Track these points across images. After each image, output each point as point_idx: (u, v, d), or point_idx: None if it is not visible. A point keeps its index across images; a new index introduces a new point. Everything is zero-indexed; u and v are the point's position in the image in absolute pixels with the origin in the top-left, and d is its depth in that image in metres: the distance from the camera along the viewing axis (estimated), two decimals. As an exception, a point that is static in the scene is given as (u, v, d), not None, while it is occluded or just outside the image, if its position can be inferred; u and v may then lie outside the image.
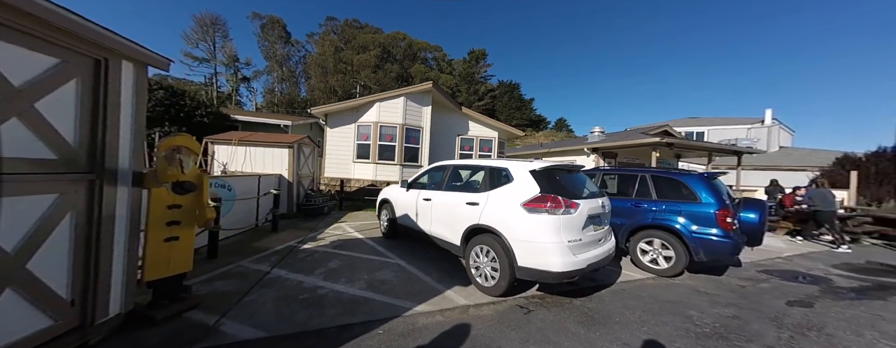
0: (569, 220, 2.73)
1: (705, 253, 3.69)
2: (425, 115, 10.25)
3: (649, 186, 4.36)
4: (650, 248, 4.18)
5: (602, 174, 5.01)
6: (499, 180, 3.26)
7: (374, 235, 5.24)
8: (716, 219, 3.64)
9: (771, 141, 19.32)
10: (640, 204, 4.36)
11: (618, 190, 4.82)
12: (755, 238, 3.73)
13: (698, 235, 3.74)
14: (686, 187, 3.99)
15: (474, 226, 3.21)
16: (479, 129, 12.07)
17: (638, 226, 4.29)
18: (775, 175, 12.53)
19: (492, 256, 3.00)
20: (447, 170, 4.06)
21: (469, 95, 43.29)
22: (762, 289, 3.59)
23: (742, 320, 2.73)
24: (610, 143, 12.37)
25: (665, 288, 3.51)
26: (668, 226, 4.00)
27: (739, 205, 3.84)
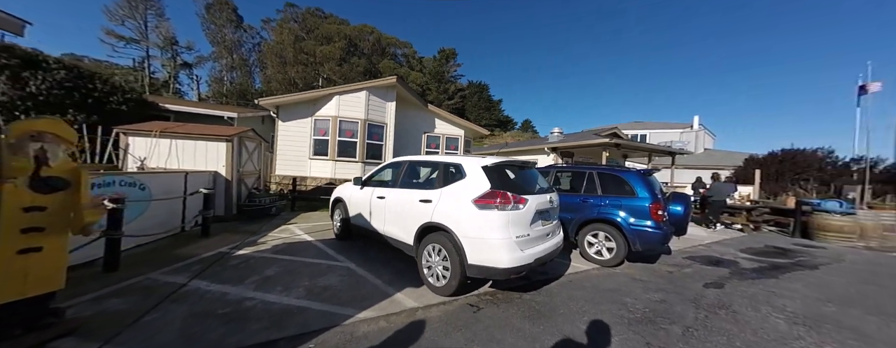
0: (517, 216, 2.72)
1: (641, 243, 3.98)
2: (389, 111, 9.88)
3: (596, 183, 4.61)
4: (595, 241, 4.41)
5: (556, 171, 5.19)
6: (452, 176, 3.16)
7: (326, 237, 4.86)
8: (649, 211, 3.94)
9: (698, 144, 22.18)
10: (587, 199, 4.58)
11: (570, 186, 5.03)
12: (681, 228, 4.13)
13: (635, 227, 4.03)
14: (626, 183, 4.28)
15: (427, 224, 3.07)
16: (446, 127, 12.00)
17: (585, 219, 4.50)
18: (700, 173, 14.42)
19: (443, 255, 2.89)
20: (402, 166, 3.86)
21: (439, 94, 43.21)
22: (686, 274, 3.98)
23: (668, 303, 2.97)
24: (567, 143, 13.12)
25: (607, 278, 3.72)
26: (610, 220, 4.25)
27: (669, 199, 4.22)
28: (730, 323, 2.59)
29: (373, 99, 9.33)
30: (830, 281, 3.88)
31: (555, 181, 5.18)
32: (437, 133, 11.84)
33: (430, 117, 11.83)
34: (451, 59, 44.10)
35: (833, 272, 4.31)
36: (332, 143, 8.76)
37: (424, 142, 11.70)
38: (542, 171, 5.55)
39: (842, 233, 6.48)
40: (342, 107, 8.87)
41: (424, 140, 11.71)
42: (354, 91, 9.07)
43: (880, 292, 3.52)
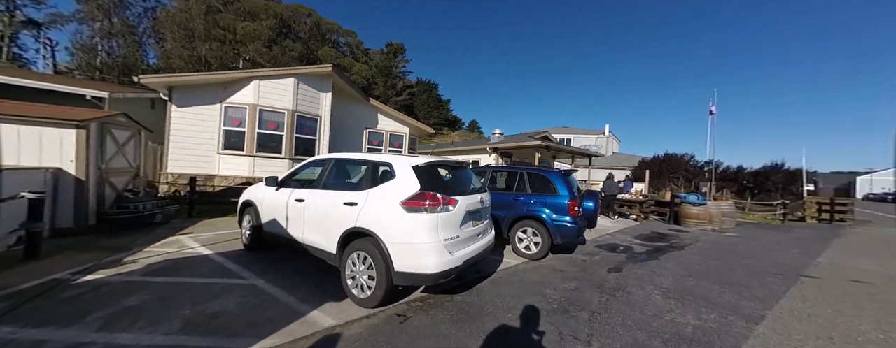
0: (447, 218, 2.62)
1: (561, 236, 4.37)
2: (324, 103, 8.92)
3: (526, 182, 4.90)
4: (525, 236, 4.69)
5: (492, 171, 5.36)
6: (381, 176, 2.90)
7: (233, 249, 4.04)
8: (568, 208, 4.35)
9: (608, 147, 26.41)
10: (519, 197, 4.83)
11: (505, 185, 5.25)
12: (592, 221, 4.71)
13: (557, 222, 4.40)
14: (550, 182, 4.65)
15: (352, 230, 2.76)
16: (390, 124, 11.48)
17: (517, 217, 4.75)
18: (609, 171, 17.27)
19: (369, 263, 2.63)
20: (327, 164, 3.41)
21: (386, 89, 41.54)
22: (595, 261, 4.53)
23: (579, 291, 3.29)
24: (506, 144, 13.99)
25: (533, 271, 3.96)
26: (537, 216, 4.56)
27: (583, 196, 4.76)
28: (624, 304, 2.98)
29: (304, 88, 8.28)
30: (691, 259, 4.91)
31: (491, 180, 5.34)
32: (381, 129, 11.25)
33: (373, 112, 11.16)
34: (399, 53, 42.81)
35: (693, 251, 5.48)
36: (251, 136, 7.46)
37: (366, 139, 10.98)
38: (480, 171, 5.69)
39: (698, 220, 8.39)
40: (264, 94, 7.62)
41: (366, 136, 10.99)
42: (280, 77, 7.88)
43: (720, 265, 4.58)
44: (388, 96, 41.47)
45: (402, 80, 43.46)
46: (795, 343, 2.36)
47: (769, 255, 5.31)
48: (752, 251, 5.64)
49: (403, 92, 42.73)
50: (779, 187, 14.79)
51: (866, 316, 2.89)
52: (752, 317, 2.79)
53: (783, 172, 15.37)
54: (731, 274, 4.11)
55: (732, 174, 16.58)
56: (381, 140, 11.26)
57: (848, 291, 3.58)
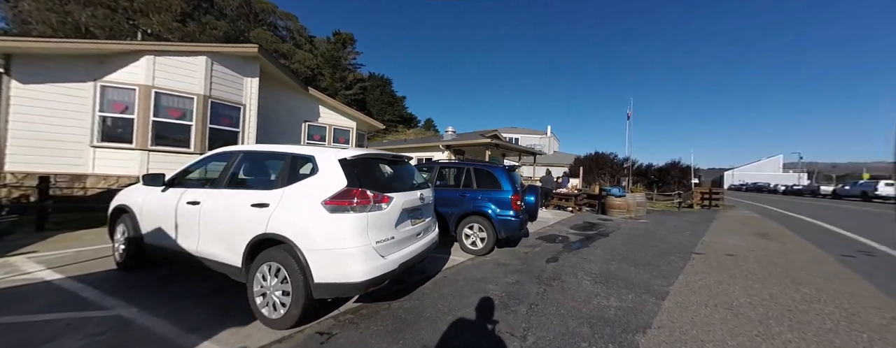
0: (379, 217, 2.33)
1: (505, 231, 4.43)
2: (249, 90, 7.66)
3: (472, 178, 4.85)
4: (471, 232, 4.65)
5: (440, 167, 5.20)
6: (301, 172, 2.46)
7: (98, 270, 3.08)
8: (511, 202, 4.43)
9: (550, 146, 28.97)
10: (465, 193, 4.76)
11: (452, 181, 5.14)
12: (533, 214, 4.92)
13: (501, 217, 4.45)
14: (495, 177, 4.68)
15: (261, 237, 2.27)
16: (334, 117, 10.49)
17: (464, 213, 4.67)
18: (550, 168, 18.94)
19: (283, 276, 2.19)
20: (233, 158, 2.80)
21: (334, 81, 38.50)
22: (536, 253, 4.73)
23: (520, 283, 3.32)
24: (458, 142, 14.11)
25: (478, 267, 3.92)
26: (483, 212, 4.56)
27: (525, 191, 4.93)
28: (559, 293, 3.10)
29: (221, 70, 6.96)
30: (614, 244, 5.50)
31: (439, 176, 5.18)
32: (323, 123, 10.20)
33: (314, 104, 10.05)
34: (348, 44, 40.00)
35: (616, 237, 6.18)
36: (143, 125, 5.96)
37: (305, 133, 9.84)
38: (427, 167, 5.48)
39: (620, 209, 9.62)
40: (162, 73, 6.16)
41: (305, 130, 9.85)
42: (185, 53, 6.47)
43: (636, 248, 5.21)
44: (337, 89, 38.58)
45: (352, 73, 40.81)
46: (691, 313, 2.70)
47: (670, 237, 6.28)
48: (658, 234, 6.61)
49: (354, 85, 40.20)
50: (676, 181, 18.09)
51: (737, 283, 3.51)
52: (660, 294, 3.15)
53: (679, 168, 18.83)
54: (644, 256, 4.69)
55: (644, 170, 19.70)
56: (323, 134, 10.23)
57: (723, 264, 4.37)
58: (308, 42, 39.33)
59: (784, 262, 4.45)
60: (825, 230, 7.61)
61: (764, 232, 7.17)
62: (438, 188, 5.04)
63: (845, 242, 6.01)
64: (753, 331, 2.40)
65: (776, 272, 3.97)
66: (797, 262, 4.46)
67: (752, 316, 2.66)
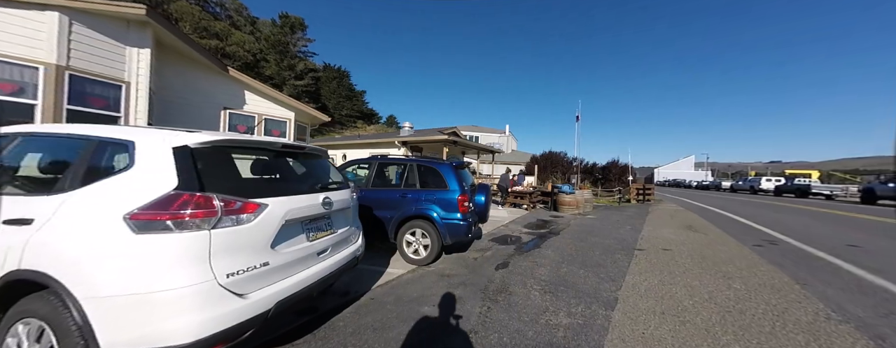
0: (237, 235, 1.53)
1: (451, 236, 3.87)
2: (136, 64, 5.93)
3: (416, 176, 4.20)
4: (413, 239, 4.00)
5: (378, 163, 4.43)
6: (107, 166, 1.53)
7: None
8: (458, 204, 3.88)
9: (509, 145, 29.78)
10: (407, 194, 4.09)
11: (393, 180, 4.42)
12: (483, 216, 4.46)
13: (447, 220, 3.88)
14: (440, 175, 4.09)
15: (11, 277, 1.31)
16: (265, 105, 8.91)
17: (404, 217, 4.00)
18: (508, 166, 19.26)
19: (49, 345, 1.26)
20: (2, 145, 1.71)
21: (281, 69, 34.56)
22: (486, 258, 4.27)
23: (462, 302, 2.78)
24: (415, 138, 13.35)
25: (417, 281, 3.30)
26: (426, 215, 3.94)
27: (475, 190, 4.44)
28: (505, 311, 2.61)
29: (86, 33, 5.20)
30: (564, 243, 5.34)
31: (378, 174, 4.41)
32: (250, 111, 8.57)
33: (237, 88, 8.37)
34: (297, 29, 36.15)
35: (566, 236, 6.08)
36: (-65, 101, 4.07)
37: (225, 122, 8.15)
38: (365, 164, 4.67)
39: (570, 206, 9.88)
40: (-26, 29, 4.29)
41: (225, 119, 8.15)
42: (24, 4, 4.63)
43: (585, 247, 5.09)
44: (285, 78, 34.81)
45: (303, 62, 37.09)
46: (642, 326, 2.42)
47: (614, 233, 6.41)
48: (604, 230, 6.74)
49: (305, 75, 36.63)
50: (616, 178, 19.79)
51: (677, 282, 3.44)
52: (609, 302, 2.86)
53: (618, 167, 20.64)
54: (592, 256, 4.54)
55: (590, 168, 21.20)
56: (251, 125, 8.61)
57: (662, 260, 4.40)
58: (248, 23, 34.65)
59: (711, 255, 4.65)
60: (733, 220, 8.64)
61: (689, 224, 7.82)
62: (377, 188, 4.28)
63: (752, 232, 6.74)
64: (703, 344, 2.17)
65: (707, 266, 4.06)
66: (721, 254, 4.70)
67: (699, 323, 2.47)
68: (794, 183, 22.53)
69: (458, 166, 4.39)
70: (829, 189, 20.31)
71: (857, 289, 3.21)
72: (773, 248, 5.11)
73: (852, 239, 5.97)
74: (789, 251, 4.93)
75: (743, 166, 74.02)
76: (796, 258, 4.49)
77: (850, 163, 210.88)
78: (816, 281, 3.48)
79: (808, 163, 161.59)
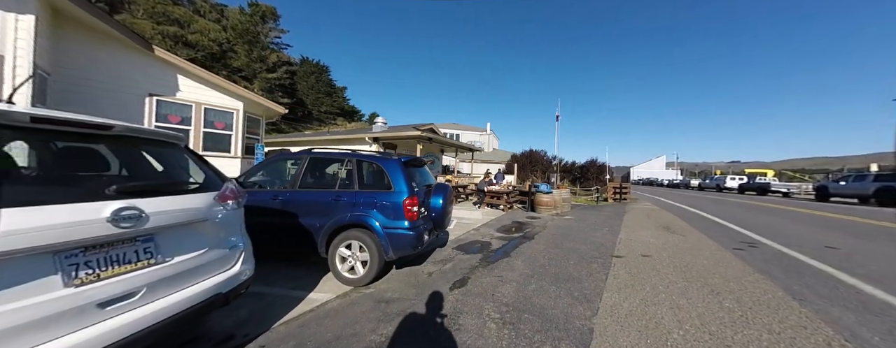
0: None
1: (395, 249, 3.08)
2: (12, 31, 4.65)
3: (354, 174, 3.36)
4: (349, 254, 3.17)
5: (310, 159, 3.53)
6: None
7: None
8: (403, 208, 3.09)
9: (490, 144, 29.38)
10: (341, 197, 3.24)
11: (327, 179, 3.55)
12: (441, 222, 3.71)
13: (389, 230, 3.08)
14: (383, 174, 3.28)
15: None
16: (206, 93, 7.66)
17: (338, 225, 3.16)
18: (489, 165, 18.70)
19: None
20: None
21: (252, 61, 32.15)
22: (443, 273, 3.52)
23: (393, 344, 2.00)
24: (388, 134, 12.41)
25: (342, 312, 2.49)
26: (364, 223, 3.12)
27: (430, 192, 3.68)
28: (442, 363, 1.86)
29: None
30: (537, 251, 4.70)
31: (308, 172, 3.52)
32: (185, 99, 7.31)
33: (168, 72, 7.09)
34: (269, 18, 33.75)
35: (541, 240, 5.47)
36: None
37: (151, 112, 6.86)
38: (292, 157, 3.77)
39: (548, 206, 9.38)
40: None
41: (151, 107, 6.86)
42: None
43: (559, 254, 4.48)
44: (255, 70, 32.47)
45: (275, 53, 34.76)
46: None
47: (591, 237, 5.88)
48: (581, 233, 6.21)
49: (278, 68, 34.35)
50: (594, 177, 19.84)
51: (662, 302, 2.85)
52: (583, 336, 2.19)
53: (596, 166, 20.72)
54: (566, 266, 3.92)
55: (569, 167, 21.14)
56: (186, 116, 7.37)
57: (642, 269, 3.84)
58: (214, 9, 31.88)
59: (694, 262, 4.17)
60: (707, 220, 8.46)
61: (666, 225, 7.49)
62: (307, 188, 3.40)
63: (728, 233, 6.46)
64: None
65: (692, 277, 3.54)
66: (704, 261, 4.24)
67: (697, 371, 1.84)
68: (756, 181, 23.71)
69: (410, 162, 3.60)
70: (786, 187, 21.48)
71: (862, 307, 2.76)
72: (755, 252, 4.74)
73: (827, 239, 5.79)
74: (773, 256, 4.56)
75: (708, 166, 78.82)
76: (782, 264, 4.10)
77: (798, 162, 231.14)
78: (814, 295, 3.02)
79: (764, 163, 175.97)
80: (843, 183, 15.56)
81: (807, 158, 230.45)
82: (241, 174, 3.60)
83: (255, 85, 32.15)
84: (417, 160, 3.91)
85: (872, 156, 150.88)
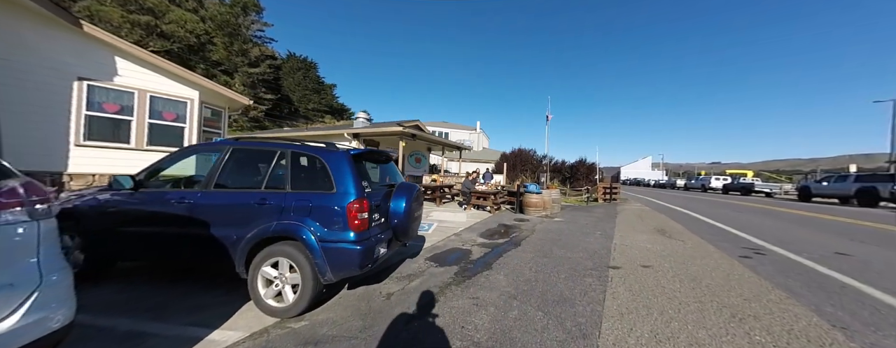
0: None
1: (334, 270, 2.34)
2: None
3: (288, 170, 2.58)
4: (275, 274, 2.40)
5: (231, 150, 2.73)
6: None
7: None
8: (347, 215, 2.34)
9: (480, 142, 28.78)
10: (267, 200, 2.47)
11: (252, 177, 2.75)
12: (403, 231, 2.98)
13: (327, 244, 2.33)
14: (326, 169, 2.52)
15: None
16: (150, 79, 6.66)
17: (259, 238, 2.38)
18: (478, 165, 18.07)
19: None
20: None
21: (233, 54, 30.53)
22: (406, 294, 2.81)
23: None
24: (369, 130, 11.57)
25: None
26: (295, 234, 2.36)
27: (390, 194, 2.94)
28: None
29: None
30: (523, 261, 4.04)
31: (228, 167, 2.72)
32: (125, 85, 6.30)
33: (102, 54, 6.06)
34: (251, 10, 32.12)
35: (528, 248, 4.82)
36: None
37: (81, 99, 5.84)
38: (208, 148, 2.97)
39: (537, 207, 8.78)
40: None
41: (81, 94, 5.84)
42: None
43: (548, 266, 3.82)
44: (236, 64, 30.88)
45: (258, 47, 33.18)
46: None
47: (584, 242, 5.28)
48: (572, 238, 5.60)
49: (261, 63, 32.80)
50: (584, 176, 19.51)
51: (677, 335, 2.22)
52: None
53: (586, 166, 20.41)
54: (555, 282, 3.26)
55: (559, 167, 20.75)
56: (127, 104, 6.37)
57: (645, 284, 3.23)
58: (194, 0, 30.01)
59: (702, 274, 3.59)
60: (702, 222, 8.04)
61: (661, 227, 7.00)
62: (224, 189, 2.61)
63: (728, 237, 5.99)
64: None
65: (705, 297, 2.94)
66: (713, 273, 3.67)
67: None
68: (739, 182, 23.99)
69: (364, 156, 2.86)
70: (769, 187, 21.76)
71: (923, 339, 2.19)
72: (764, 261, 4.22)
73: (834, 244, 5.37)
74: (785, 265, 4.04)
75: (691, 166, 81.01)
76: (800, 276, 3.56)
77: (774, 164, 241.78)
78: (857, 322, 2.45)
79: (742, 164, 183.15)
80: (825, 183, 15.68)
81: (782, 160, 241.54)
82: (143, 170, 2.77)
83: (236, 79, 30.56)
84: (377, 154, 3.17)
85: (841, 157, 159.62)
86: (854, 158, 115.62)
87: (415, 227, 3.23)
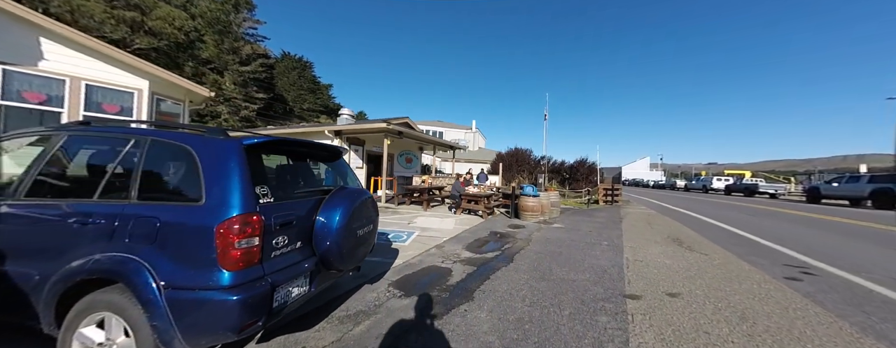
0: None
1: (187, 336, 1.39)
2: None
3: (137, 168, 1.62)
4: (102, 339, 1.44)
5: (66, 138, 1.78)
6: None
7: None
8: (214, 242, 1.39)
9: (475, 142, 27.87)
10: (93, 216, 1.51)
11: (83, 181, 1.79)
12: (340, 257, 2.03)
13: (177, 293, 1.38)
14: (193, 164, 1.57)
15: None
16: (87, 66, 5.70)
17: (72, 281, 1.41)
18: (473, 165, 17.16)
19: None
20: None
21: (223, 52, 29.52)
22: None
23: None
24: (353, 127, 10.62)
25: None
26: (126, 275, 1.40)
27: (320, 204, 2.01)
28: None
29: None
30: (514, 285, 3.11)
31: (56, 164, 1.76)
32: (53, 71, 5.33)
33: (24, 33, 5.09)
34: (243, 7, 31.11)
35: (522, 264, 3.90)
36: None
37: (-9, 86, 4.87)
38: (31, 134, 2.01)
39: (533, 212, 7.87)
40: None
41: (-9, 80, 4.87)
42: None
43: (544, 295, 2.91)
44: (227, 62, 29.89)
45: (249, 45, 32.17)
46: None
47: (588, 257, 4.36)
48: (575, 251, 4.68)
49: (253, 61, 31.80)
50: (584, 177, 18.64)
51: None
52: None
53: (586, 166, 19.54)
54: (558, 323, 2.34)
55: (558, 167, 19.87)
56: (56, 94, 5.40)
57: (680, 325, 2.33)
58: (182, -4, 28.92)
59: (750, 308, 2.69)
60: (719, 228, 7.16)
61: (675, 236, 6.09)
62: (37, 199, 1.63)
63: (758, 249, 5.09)
64: None
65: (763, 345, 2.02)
66: (763, 306, 2.77)
67: None
68: (743, 182, 23.19)
69: (266, 146, 1.92)
70: (773, 188, 20.94)
71: None
72: (821, 284, 3.32)
73: (891, 258, 4.47)
74: (852, 293, 3.13)
75: (688, 167, 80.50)
76: (884, 313, 2.65)
77: (769, 164, 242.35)
78: None
79: (739, 165, 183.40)
80: (836, 184, 14.86)
81: (777, 160, 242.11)
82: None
83: (227, 78, 29.58)
84: (308, 147, 2.23)
85: (834, 158, 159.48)
86: (847, 159, 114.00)
87: (360, 252, 2.29)
